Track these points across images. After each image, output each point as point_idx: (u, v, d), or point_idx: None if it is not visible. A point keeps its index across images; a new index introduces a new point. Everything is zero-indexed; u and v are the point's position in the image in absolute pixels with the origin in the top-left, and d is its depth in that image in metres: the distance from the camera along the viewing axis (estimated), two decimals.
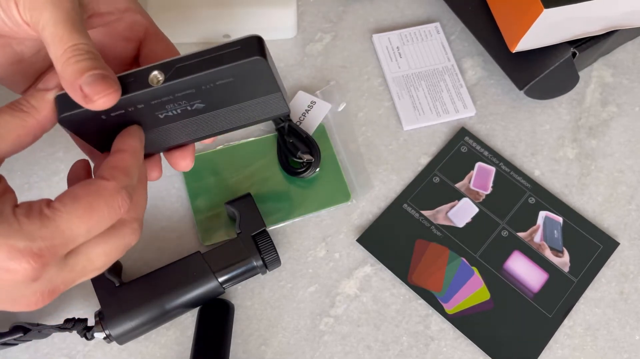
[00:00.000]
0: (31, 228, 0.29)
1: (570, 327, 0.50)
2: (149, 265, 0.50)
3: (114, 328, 0.44)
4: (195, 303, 0.47)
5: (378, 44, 0.61)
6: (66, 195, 0.30)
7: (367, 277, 0.51)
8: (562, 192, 0.55)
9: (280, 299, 0.50)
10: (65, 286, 0.32)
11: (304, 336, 0.49)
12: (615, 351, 0.49)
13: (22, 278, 0.29)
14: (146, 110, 0.33)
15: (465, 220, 0.53)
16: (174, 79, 0.31)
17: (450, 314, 0.49)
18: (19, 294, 0.30)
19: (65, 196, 0.30)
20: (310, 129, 0.56)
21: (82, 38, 0.30)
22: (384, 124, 0.58)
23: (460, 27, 0.63)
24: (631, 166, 0.56)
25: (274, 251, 0.48)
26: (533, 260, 0.51)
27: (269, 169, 0.54)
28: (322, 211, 0.53)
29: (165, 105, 0.33)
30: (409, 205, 0.54)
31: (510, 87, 0.60)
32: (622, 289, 0.51)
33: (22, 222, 0.29)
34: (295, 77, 0.60)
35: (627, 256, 0.52)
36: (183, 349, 0.48)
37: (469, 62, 0.61)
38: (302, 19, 0.63)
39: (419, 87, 0.59)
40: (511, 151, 0.57)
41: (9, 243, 0.28)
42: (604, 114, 0.59)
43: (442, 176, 0.55)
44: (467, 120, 0.58)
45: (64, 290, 0.32)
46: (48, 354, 0.48)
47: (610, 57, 0.62)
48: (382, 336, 0.49)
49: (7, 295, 0.30)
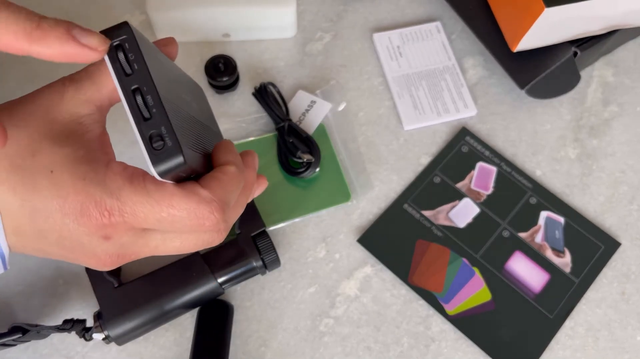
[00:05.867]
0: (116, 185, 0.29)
1: (572, 328, 0.49)
2: (148, 266, 0.50)
3: (112, 329, 0.44)
4: (194, 304, 0.46)
5: (378, 43, 0.61)
6: (165, 186, 0.30)
7: (367, 278, 0.51)
8: (564, 192, 0.55)
9: (280, 300, 0.50)
10: (135, 256, 0.32)
11: (303, 337, 0.49)
12: (617, 351, 0.49)
13: (94, 229, 0.29)
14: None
15: (466, 220, 0.53)
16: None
17: (451, 315, 0.49)
18: (90, 248, 0.30)
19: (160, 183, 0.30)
20: (310, 129, 0.56)
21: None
22: (384, 124, 0.57)
23: (461, 26, 0.63)
24: (632, 166, 0.56)
25: (274, 251, 0.47)
26: (534, 260, 0.51)
27: (268, 169, 0.54)
28: (322, 211, 0.53)
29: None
30: (410, 205, 0.53)
31: (511, 87, 0.60)
32: (624, 289, 0.51)
33: (114, 174, 0.29)
34: (295, 77, 0.60)
35: (629, 257, 0.52)
36: (182, 350, 0.48)
37: (469, 62, 0.61)
38: (302, 18, 0.63)
39: (420, 86, 0.59)
40: (512, 151, 0.56)
41: (97, 194, 0.29)
42: (605, 114, 0.59)
43: (443, 176, 0.55)
44: (468, 119, 0.58)
45: (132, 259, 0.33)
46: (47, 355, 0.47)
47: (612, 57, 0.62)
48: (383, 337, 0.49)
49: (80, 246, 0.30)
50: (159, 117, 0.28)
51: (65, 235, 0.30)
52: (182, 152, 0.28)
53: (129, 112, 0.29)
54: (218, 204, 0.30)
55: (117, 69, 0.29)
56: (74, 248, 0.31)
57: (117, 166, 0.30)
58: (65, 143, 0.30)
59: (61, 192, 0.29)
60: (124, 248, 0.31)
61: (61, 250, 0.31)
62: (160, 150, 0.28)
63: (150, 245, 0.32)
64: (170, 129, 0.28)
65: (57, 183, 0.29)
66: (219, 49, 0.61)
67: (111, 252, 0.31)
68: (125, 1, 0.62)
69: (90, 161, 0.30)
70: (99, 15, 0.62)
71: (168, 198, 0.29)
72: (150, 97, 0.28)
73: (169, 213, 0.29)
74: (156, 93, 0.29)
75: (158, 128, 0.28)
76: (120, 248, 0.31)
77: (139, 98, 0.28)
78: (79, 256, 0.31)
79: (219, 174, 0.32)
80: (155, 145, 0.28)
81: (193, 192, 0.30)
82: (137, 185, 0.29)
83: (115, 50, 0.29)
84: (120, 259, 0.32)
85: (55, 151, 0.29)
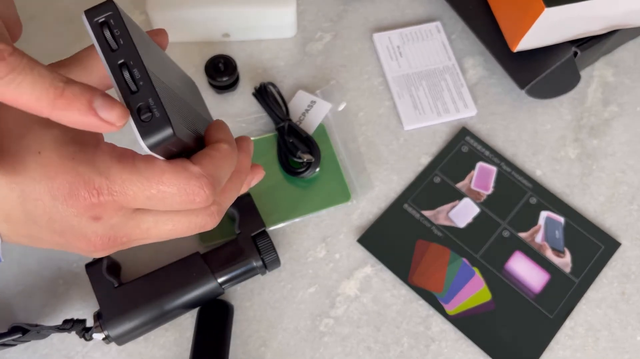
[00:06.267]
0: (104, 164, 0.29)
1: (572, 328, 0.49)
2: (148, 266, 0.50)
3: (112, 329, 0.44)
4: (194, 304, 0.46)
5: (378, 43, 0.61)
6: (154, 163, 0.30)
7: (367, 278, 0.51)
8: (564, 192, 0.55)
9: (280, 300, 0.50)
10: (127, 239, 0.32)
11: (303, 337, 0.49)
12: (617, 351, 0.49)
13: (82, 209, 0.29)
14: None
15: (466, 220, 0.53)
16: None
17: (451, 315, 0.49)
18: (80, 230, 0.30)
19: (148, 158, 0.30)
20: (310, 129, 0.56)
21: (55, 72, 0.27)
22: (384, 124, 0.57)
23: (461, 26, 0.63)
24: (633, 166, 0.56)
25: (274, 251, 0.47)
26: (534, 260, 0.51)
27: (269, 169, 0.54)
28: (322, 211, 0.53)
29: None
30: (410, 205, 0.53)
31: (511, 87, 0.60)
32: (624, 289, 0.51)
33: (103, 153, 0.29)
34: (295, 77, 0.59)
35: (629, 257, 0.52)
36: (182, 350, 0.48)
37: (469, 62, 0.61)
38: (302, 18, 0.63)
39: (420, 86, 0.59)
40: (512, 151, 0.56)
41: (86, 173, 0.29)
42: (605, 114, 0.59)
43: (443, 176, 0.55)
44: (468, 119, 0.58)
45: (123, 245, 0.32)
46: (47, 355, 0.47)
47: (612, 57, 0.61)
48: (383, 337, 0.49)
49: (70, 229, 0.30)
50: (146, 89, 0.28)
51: (55, 217, 0.29)
52: (171, 124, 0.28)
53: (116, 86, 0.28)
54: (208, 179, 0.30)
55: (102, 45, 0.28)
56: (63, 231, 0.30)
57: (106, 146, 0.30)
58: (54, 125, 0.29)
59: (49, 173, 0.29)
60: (115, 230, 0.31)
61: (52, 234, 0.31)
62: (148, 122, 0.28)
63: (141, 227, 0.32)
64: (158, 101, 0.28)
65: (46, 164, 0.29)
66: (219, 49, 0.61)
67: (101, 234, 0.31)
68: (126, 1, 0.62)
69: (79, 142, 0.30)
70: None
71: (158, 174, 0.29)
72: (137, 70, 0.28)
73: (158, 189, 0.29)
74: (143, 67, 0.28)
75: (145, 100, 0.28)
76: (110, 229, 0.31)
77: (126, 73, 0.28)
78: (70, 239, 0.31)
79: (210, 151, 0.32)
80: (144, 117, 0.28)
81: (183, 168, 0.30)
82: (126, 163, 0.29)
83: (100, 27, 0.28)
84: (112, 242, 0.31)
85: (44, 133, 0.29)
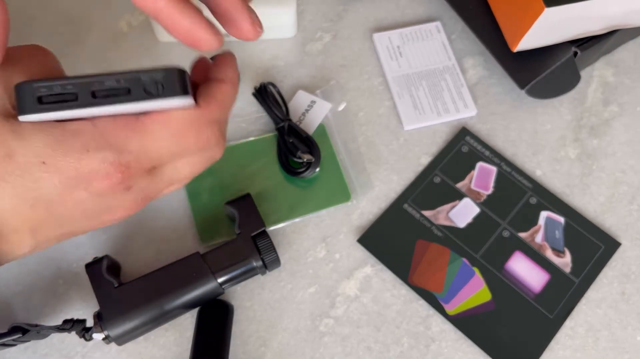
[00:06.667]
0: (119, 140, 0.30)
1: (572, 328, 0.49)
2: (147, 266, 0.50)
3: (112, 329, 0.44)
4: (194, 304, 0.46)
5: (378, 43, 0.61)
6: (159, 116, 0.31)
7: (367, 278, 0.51)
8: (564, 192, 0.55)
9: (280, 300, 0.50)
10: (157, 193, 0.34)
11: (303, 337, 0.49)
12: (617, 352, 0.49)
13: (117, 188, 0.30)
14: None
15: (466, 220, 0.53)
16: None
17: (451, 315, 0.49)
18: (117, 205, 0.32)
19: (159, 117, 0.30)
20: (310, 129, 0.56)
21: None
22: (384, 124, 0.57)
23: (461, 26, 0.63)
24: (633, 166, 0.56)
25: (274, 251, 0.47)
26: (534, 260, 0.51)
27: (268, 169, 0.54)
28: (322, 211, 0.53)
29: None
30: (410, 205, 0.53)
31: (511, 87, 0.60)
32: (624, 289, 0.51)
33: (110, 131, 0.30)
34: (295, 77, 0.59)
35: (629, 257, 0.52)
36: (182, 350, 0.48)
37: (469, 62, 0.61)
38: (302, 18, 0.63)
39: (420, 86, 0.59)
40: (512, 151, 0.56)
41: (107, 158, 0.29)
42: (605, 114, 0.59)
43: (443, 176, 0.55)
44: (468, 119, 0.58)
45: (155, 198, 0.34)
46: (47, 355, 0.47)
47: (612, 57, 0.61)
48: (383, 337, 0.49)
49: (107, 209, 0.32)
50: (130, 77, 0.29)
51: (89, 206, 0.31)
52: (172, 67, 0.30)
53: (119, 104, 0.29)
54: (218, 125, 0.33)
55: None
56: (101, 212, 0.32)
57: (106, 122, 0.30)
58: (46, 129, 0.29)
59: (68, 173, 0.29)
60: (146, 190, 0.33)
61: (88, 221, 0.32)
62: (162, 88, 0.29)
63: (164, 179, 0.33)
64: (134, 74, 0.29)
65: (59, 168, 0.29)
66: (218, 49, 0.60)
67: (135, 197, 0.32)
68: (126, 1, 0.62)
69: (79, 133, 0.30)
70: (100, 15, 0.62)
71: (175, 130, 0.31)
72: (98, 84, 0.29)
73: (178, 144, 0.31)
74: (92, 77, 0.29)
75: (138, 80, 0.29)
76: (141, 191, 0.32)
77: (100, 93, 0.29)
78: (106, 217, 0.33)
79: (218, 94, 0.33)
80: (153, 91, 0.29)
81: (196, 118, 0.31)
82: (137, 128, 0.30)
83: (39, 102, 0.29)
84: (144, 201, 0.33)
85: (40, 138, 0.29)
